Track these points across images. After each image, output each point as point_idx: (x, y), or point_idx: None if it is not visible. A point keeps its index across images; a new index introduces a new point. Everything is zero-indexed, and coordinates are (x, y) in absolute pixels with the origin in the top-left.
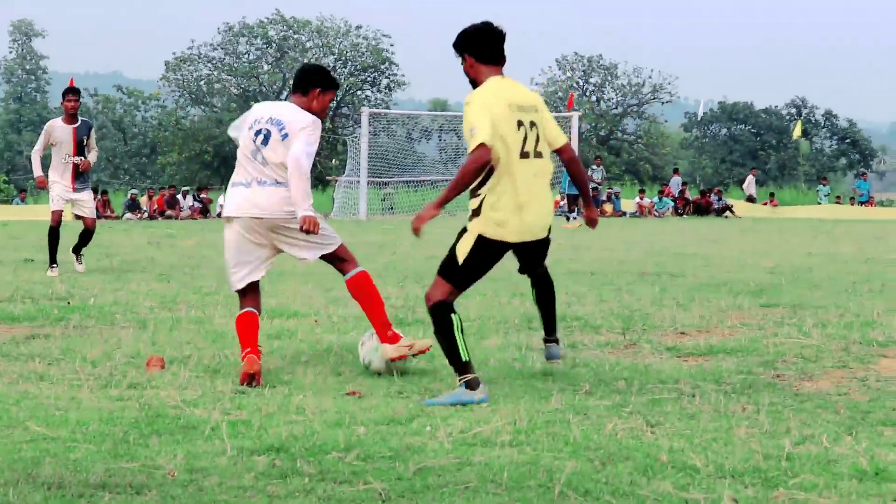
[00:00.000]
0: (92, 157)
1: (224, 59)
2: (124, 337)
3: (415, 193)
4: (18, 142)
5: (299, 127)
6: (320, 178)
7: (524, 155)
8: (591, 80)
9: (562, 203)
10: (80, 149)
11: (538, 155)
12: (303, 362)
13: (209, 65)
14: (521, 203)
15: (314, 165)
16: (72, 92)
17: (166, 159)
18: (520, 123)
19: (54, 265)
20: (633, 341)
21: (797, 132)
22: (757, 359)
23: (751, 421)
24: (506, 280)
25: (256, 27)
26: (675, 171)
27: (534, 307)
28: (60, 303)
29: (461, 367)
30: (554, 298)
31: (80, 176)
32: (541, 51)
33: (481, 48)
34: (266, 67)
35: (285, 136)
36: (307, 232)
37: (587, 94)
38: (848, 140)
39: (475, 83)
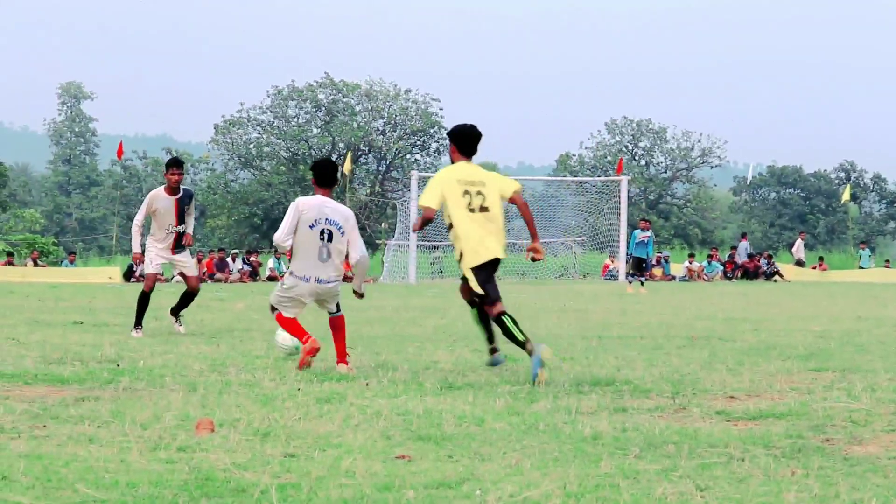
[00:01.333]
0: (190, 225)
1: (273, 122)
2: (174, 400)
3: None
4: (67, 204)
5: (351, 224)
6: (370, 242)
7: (471, 210)
8: (641, 144)
9: (611, 267)
10: (181, 219)
11: (483, 209)
12: (353, 426)
13: (258, 128)
14: (480, 237)
15: (363, 229)
16: (175, 164)
17: (216, 222)
18: (465, 192)
19: (139, 327)
20: (683, 405)
21: (846, 196)
22: (806, 423)
23: (801, 485)
24: (553, 345)
25: (306, 90)
26: (744, 236)
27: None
28: (110, 365)
29: (521, 344)
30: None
31: (180, 244)
32: (589, 115)
33: (461, 143)
34: (315, 131)
35: (343, 233)
36: (360, 297)
37: (636, 157)
38: None
39: (452, 162)
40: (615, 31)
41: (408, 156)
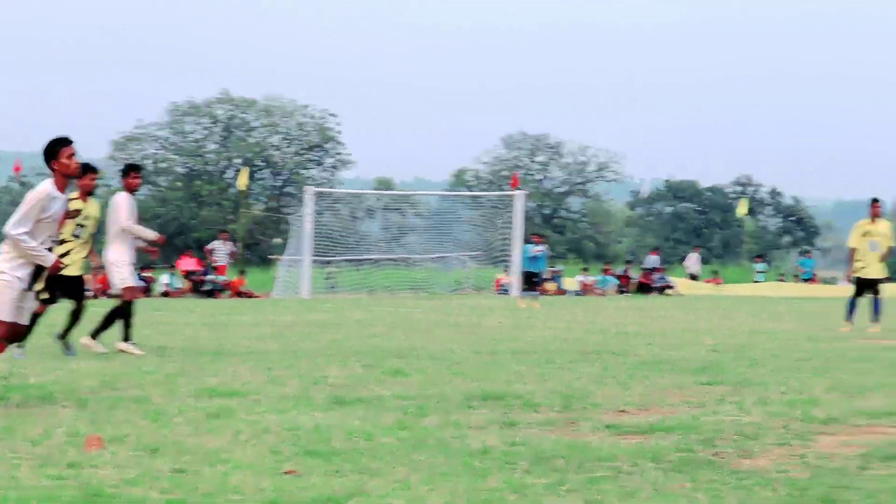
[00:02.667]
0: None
1: (170, 138)
2: (64, 416)
3: (357, 272)
4: None
5: (26, 198)
6: (262, 258)
7: None
8: (537, 159)
9: (504, 281)
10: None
11: None
12: (242, 441)
13: (156, 143)
14: None
15: (257, 244)
16: (133, 169)
17: None
18: None
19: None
20: (573, 420)
21: (742, 210)
22: (696, 436)
23: (689, 499)
24: (446, 360)
25: (203, 106)
26: (655, 251)
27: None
28: (0, 382)
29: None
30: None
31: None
32: (486, 129)
33: None
34: (212, 146)
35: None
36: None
37: (532, 172)
38: (793, 218)
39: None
40: (513, 45)
41: (303, 171)
